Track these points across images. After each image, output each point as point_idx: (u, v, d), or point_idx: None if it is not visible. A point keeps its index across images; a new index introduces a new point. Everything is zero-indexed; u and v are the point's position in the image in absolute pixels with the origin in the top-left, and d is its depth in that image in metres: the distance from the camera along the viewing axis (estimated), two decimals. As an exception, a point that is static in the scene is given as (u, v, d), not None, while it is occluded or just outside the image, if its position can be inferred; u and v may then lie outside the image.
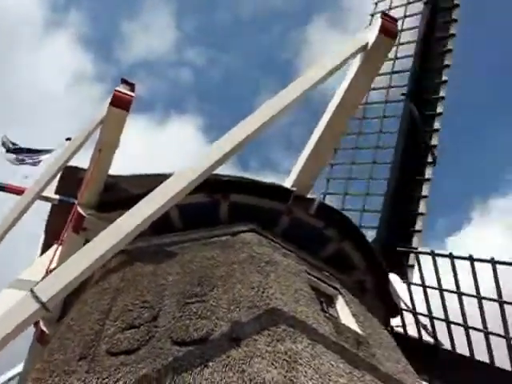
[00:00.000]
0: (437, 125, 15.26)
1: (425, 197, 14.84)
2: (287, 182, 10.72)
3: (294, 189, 10.34)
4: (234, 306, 7.82)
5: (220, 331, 7.31)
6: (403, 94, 15.38)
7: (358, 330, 9.26)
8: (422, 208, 14.71)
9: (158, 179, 8.04)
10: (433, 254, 11.95)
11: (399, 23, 14.98)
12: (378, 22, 10.26)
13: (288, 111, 8.65)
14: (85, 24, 46.18)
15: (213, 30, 42.29)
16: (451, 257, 11.61)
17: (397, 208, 14.79)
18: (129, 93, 10.11)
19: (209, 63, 43.32)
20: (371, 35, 10.06)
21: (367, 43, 10.03)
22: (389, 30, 10.14)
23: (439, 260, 11.93)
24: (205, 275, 8.61)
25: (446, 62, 15.54)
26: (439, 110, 15.38)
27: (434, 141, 15.13)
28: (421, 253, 12.73)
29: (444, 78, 15.48)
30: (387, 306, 11.79)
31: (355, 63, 10.11)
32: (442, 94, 15.34)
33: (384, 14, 10.40)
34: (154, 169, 10.44)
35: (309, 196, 10.56)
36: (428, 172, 15.01)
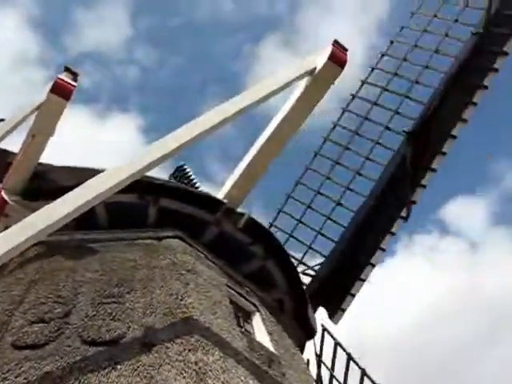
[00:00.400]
0: (425, 181, 13.80)
1: (383, 250, 13.90)
2: (220, 194, 10.71)
3: (226, 201, 10.34)
4: (150, 310, 7.71)
5: (132, 335, 7.19)
6: (404, 132, 13.93)
7: (272, 349, 9.29)
8: (374, 259, 13.89)
9: (88, 173, 7.89)
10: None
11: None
12: (328, 48, 10.44)
13: (228, 124, 8.68)
14: (36, 6, 44.96)
15: (166, 33, 42.02)
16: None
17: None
18: (71, 82, 9.88)
19: (157, 65, 42.93)
20: (320, 60, 10.22)
21: (315, 68, 10.18)
22: (338, 59, 10.32)
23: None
24: (124, 277, 8.46)
25: (464, 117, 13.82)
26: (434, 165, 13.80)
27: (416, 197, 13.77)
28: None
29: (454, 133, 13.79)
30: (304, 328, 11.88)
31: (301, 86, 10.23)
32: (444, 149, 13.77)
33: (335, 42, 10.58)
34: (86, 162, 10.18)
35: (239, 210, 10.57)
36: (396, 226, 13.86)
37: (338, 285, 13.53)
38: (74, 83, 9.91)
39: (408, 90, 14.46)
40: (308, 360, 12.20)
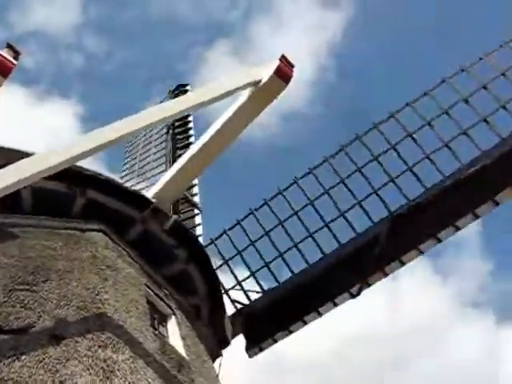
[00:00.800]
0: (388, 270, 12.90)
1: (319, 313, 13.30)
2: (149, 193, 10.60)
3: (154, 200, 10.24)
4: (64, 302, 7.53)
5: (42, 325, 6.99)
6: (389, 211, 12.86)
7: (184, 354, 9.23)
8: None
9: (18, 155, 7.65)
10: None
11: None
12: (275, 62, 10.56)
13: (164, 122, 8.62)
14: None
15: (117, 24, 41.36)
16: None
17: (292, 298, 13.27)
18: (11, 59, 9.54)
19: (104, 55, 42.14)
20: (266, 73, 10.32)
21: (260, 80, 10.27)
22: (284, 73, 10.45)
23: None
24: (42, 265, 8.22)
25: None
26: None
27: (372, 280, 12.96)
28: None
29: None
30: (219, 337, 11.85)
31: (244, 95, 10.30)
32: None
33: (283, 57, 10.70)
34: (19, 144, 9.84)
35: (167, 212, 10.50)
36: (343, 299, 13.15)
37: (268, 323, 13.29)
38: (14, 61, 9.58)
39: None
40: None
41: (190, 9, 41.98)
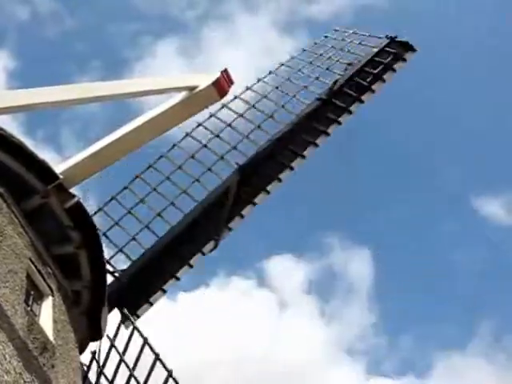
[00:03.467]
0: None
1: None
2: (58, 168, 10.29)
3: (61, 177, 9.95)
4: None
5: None
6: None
7: (51, 337, 8.97)
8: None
9: None
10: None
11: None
12: (216, 74, 10.61)
13: (92, 102, 8.47)
14: None
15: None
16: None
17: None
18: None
19: (52, 18, 40.57)
20: (204, 82, 10.36)
21: (196, 86, 10.30)
22: (221, 87, 10.54)
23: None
24: None
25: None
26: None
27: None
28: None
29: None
30: (92, 329, 11.56)
31: (177, 97, 10.28)
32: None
33: (225, 71, 10.78)
34: None
35: (71, 191, 10.22)
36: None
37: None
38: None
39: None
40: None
41: (147, -3, 41.41)
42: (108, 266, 13.06)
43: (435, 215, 34.88)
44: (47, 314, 9.38)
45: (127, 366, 11.51)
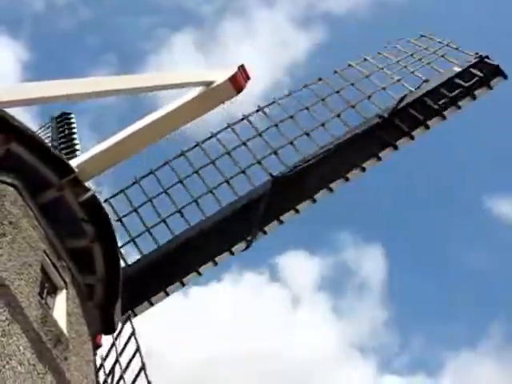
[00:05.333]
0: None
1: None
2: (74, 162, 10.32)
3: (77, 170, 9.96)
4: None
5: None
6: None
7: (64, 330, 8.99)
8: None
9: None
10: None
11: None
12: (233, 69, 10.56)
13: (108, 96, 8.45)
14: None
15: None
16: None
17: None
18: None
19: (67, 8, 40.66)
20: (220, 77, 10.31)
21: (213, 82, 10.25)
22: (238, 83, 10.47)
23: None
24: None
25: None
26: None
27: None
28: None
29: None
30: (105, 323, 11.58)
31: (194, 92, 10.25)
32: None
33: (242, 67, 10.72)
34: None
35: (86, 185, 10.24)
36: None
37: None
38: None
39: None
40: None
41: (164, -10, 41.43)
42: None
43: (448, 216, 34.55)
44: (61, 307, 9.40)
45: (120, 368, 11.56)
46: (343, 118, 14.82)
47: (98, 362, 11.84)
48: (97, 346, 11.34)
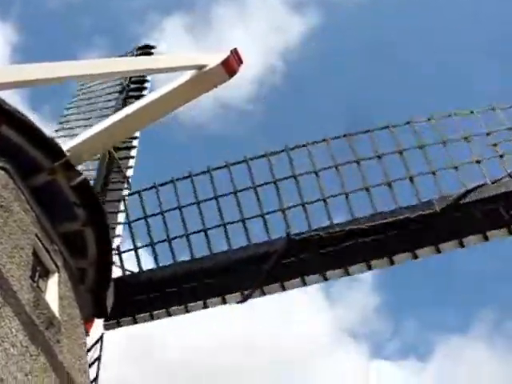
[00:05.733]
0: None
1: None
2: (65, 145, 10.28)
3: (68, 154, 9.93)
4: None
5: None
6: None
7: (56, 313, 9.00)
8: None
9: None
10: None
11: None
12: (226, 53, 10.55)
13: (100, 79, 8.40)
14: None
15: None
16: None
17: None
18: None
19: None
20: (213, 61, 10.30)
21: (205, 65, 10.24)
22: (230, 67, 10.47)
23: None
24: None
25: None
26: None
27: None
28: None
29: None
30: (97, 307, 11.59)
31: (185, 76, 10.23)
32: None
33: (235, 51, 10.71)
34: None
35: (78, 168, 10.22)
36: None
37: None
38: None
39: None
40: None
41: (155, -27, 40.96)
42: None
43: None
44: (53, 291, 9.41)
45: None
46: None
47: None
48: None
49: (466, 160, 12.22)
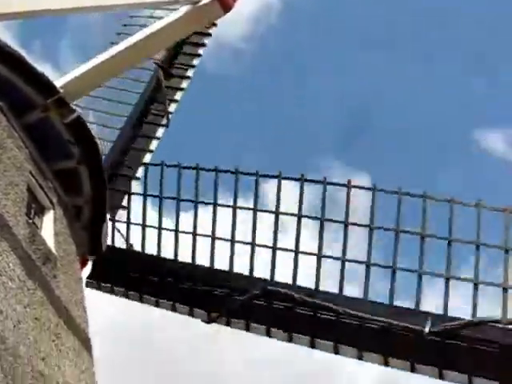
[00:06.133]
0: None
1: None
2: (59, 81, 10.15)
3: (62, 90, 9.81)
4: None
5: None
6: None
7: (53, 249, 9.10)
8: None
9: None
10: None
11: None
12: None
13: (91, 12, 8.25)
14: None
15: None
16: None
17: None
18: None
19: None
20: (207, -4, 10.10)
21: (200, 0, 10.04)
22: (225, 2, 10.27)
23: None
24: None
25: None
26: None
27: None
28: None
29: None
30: (92, 244, 11.71)
31: (180, 12, 10.04)
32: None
33: None
34: None
35: (72, 105, 10.12)
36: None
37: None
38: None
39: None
40: None
41: None
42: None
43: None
44: (49, 227, 9.48)
45: None
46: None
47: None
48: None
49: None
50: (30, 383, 6.75)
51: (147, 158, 13.77)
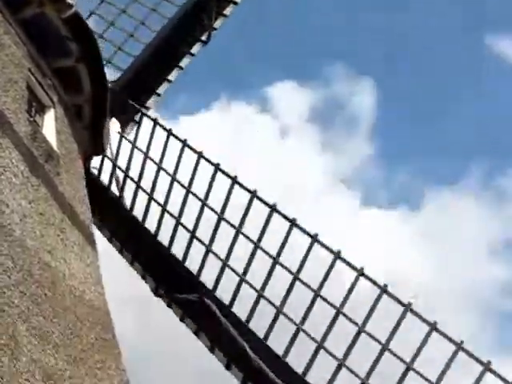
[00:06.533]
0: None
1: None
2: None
3: (57, -15, 9.53)
4: None
5: None
6: None
7: (55, 147, 9.19)
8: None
9: None
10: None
11: None
12: None
13: None
14: None
15: None
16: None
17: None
18: None
19: None
20: None
21: None
22: None
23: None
24: None
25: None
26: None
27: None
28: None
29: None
30: (95, 143, 11.74)
31: None
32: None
33: None
34: None
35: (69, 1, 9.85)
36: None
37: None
38: None
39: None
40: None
41: None
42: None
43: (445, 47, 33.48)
44: (50, 125, 9.52)
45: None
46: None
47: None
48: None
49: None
50: (37, 273, 7.03)
51: (173, 75, 13.56)
